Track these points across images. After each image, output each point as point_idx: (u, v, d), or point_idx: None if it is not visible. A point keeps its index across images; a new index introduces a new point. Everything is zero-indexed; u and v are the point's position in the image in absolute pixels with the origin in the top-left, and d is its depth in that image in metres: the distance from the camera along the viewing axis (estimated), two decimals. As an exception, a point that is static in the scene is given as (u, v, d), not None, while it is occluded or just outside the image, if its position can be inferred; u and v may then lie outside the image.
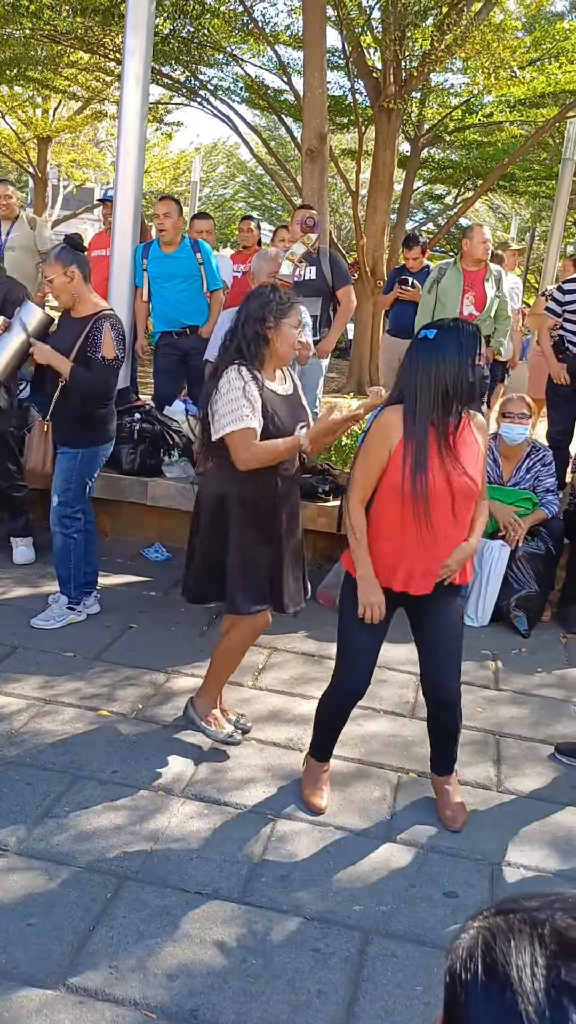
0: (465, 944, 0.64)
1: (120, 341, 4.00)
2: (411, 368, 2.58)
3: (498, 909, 0.65)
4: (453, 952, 0.64)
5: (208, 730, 3.26)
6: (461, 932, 0.65)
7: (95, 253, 6.47)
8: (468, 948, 0.63)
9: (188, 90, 12.07)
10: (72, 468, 4.05)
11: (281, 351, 3.00)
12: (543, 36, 10.63)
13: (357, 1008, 2.18)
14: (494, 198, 23.65)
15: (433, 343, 2.54)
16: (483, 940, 0.63)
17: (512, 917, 0.63)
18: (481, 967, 0.61)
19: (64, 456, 4.05)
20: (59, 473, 4.05)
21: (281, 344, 2.99)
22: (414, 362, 2.57)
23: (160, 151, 21.06)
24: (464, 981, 0.61)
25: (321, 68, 7.38)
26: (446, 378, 2.52)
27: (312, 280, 5.81)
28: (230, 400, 2.89)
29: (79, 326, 3.94)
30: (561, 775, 3.29)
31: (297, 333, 3.03)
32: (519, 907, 0.64)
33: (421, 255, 7.34)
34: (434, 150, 14.54)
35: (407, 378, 2.58)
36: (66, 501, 4.06)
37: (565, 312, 5.56)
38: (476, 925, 0.64)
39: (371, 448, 2.63)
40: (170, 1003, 2.13)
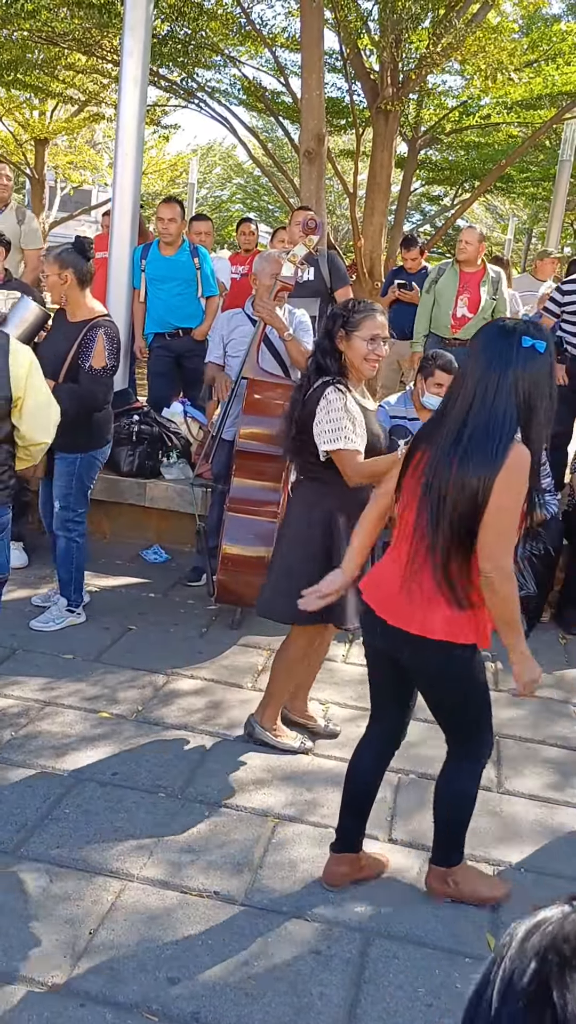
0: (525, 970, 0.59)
1: (114, 350, 3.99)
2: (533, 390, 2.11)
3: (556, 948, 0.59)
4: (506, 982, 0.59)
5: (277, 742, 3.26)
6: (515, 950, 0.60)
7: (97, 255, 6.46)
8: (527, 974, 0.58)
9: (185, 92, 12.06)
10: (72, 473, 4.05)
11: (356, 364, 2.95)
12: (540, 38, 10.63)
13: (359, 1010, 2.17)
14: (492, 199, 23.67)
15: (548, 360, 2.14)
16: (538, 984, 0.58)
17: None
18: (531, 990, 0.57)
19: (62, 461, 4.04)
20: (59, 478, 4.05)
21: (355, 358, 2.94)
22: (528, 380, 2.11)
23: (157, 153, 21.06)
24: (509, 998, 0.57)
25: (318, 70, 7.38)
26: (552, 399, 2.15)
27: (311, 282, 5.81)
28: (333, 419, 2.90)
29: (73, 331, 3.94)
30: (561, 776, 3.29)
31: (372, 347, 2.92)
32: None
33: (419, 256, 7.35)
34: (431, 151, 14.53)
35: (523, 398, 2.12)
36: (67, 505, 4.08)
37: (564, 312, 5.57)
38: (534, 957, 0.59)
39: (523, 491, 2.15)
40: (171, 1006, 2.13)
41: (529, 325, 2.17)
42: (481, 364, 2.15)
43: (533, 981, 0.57)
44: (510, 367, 2.11)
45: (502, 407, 2.11)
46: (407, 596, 2.26)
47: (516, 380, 2.11)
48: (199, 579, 4.75)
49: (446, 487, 2.14)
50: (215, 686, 3.73)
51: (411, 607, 2.26)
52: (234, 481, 4.23)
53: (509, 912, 2.56)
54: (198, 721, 3.43)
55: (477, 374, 2.15)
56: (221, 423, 4.46)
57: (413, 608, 2.26)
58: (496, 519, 2.13)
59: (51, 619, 4.11)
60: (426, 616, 2.24)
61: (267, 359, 4.34)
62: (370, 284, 9.73)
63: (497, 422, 2.11)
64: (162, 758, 3.16)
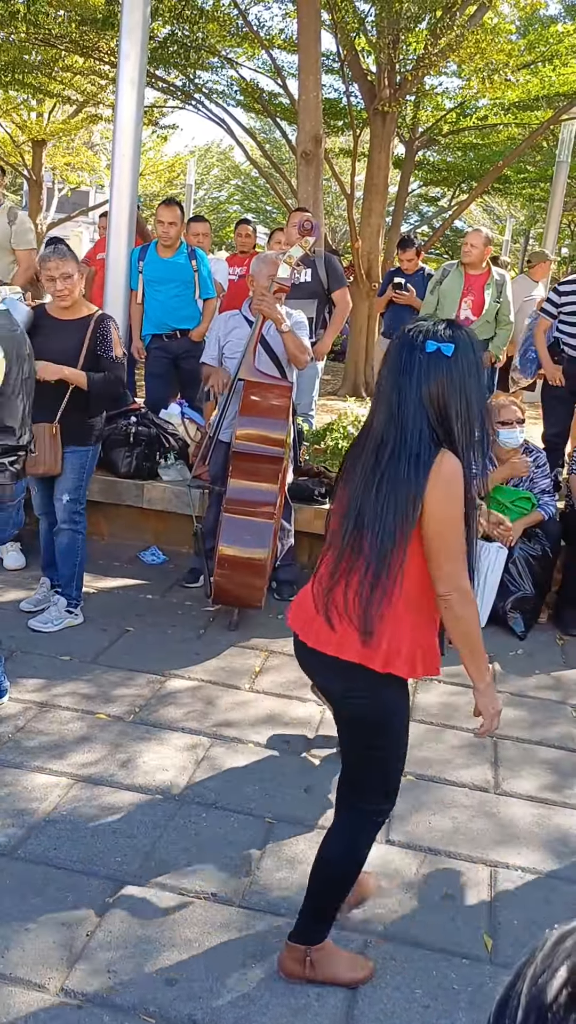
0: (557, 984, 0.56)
1: (120, 340, 4.15)
2: (444, 395, 1.97)
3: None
4: (534, 986, 0.57)
5: None
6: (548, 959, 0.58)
7: (100, 256, 6.47)
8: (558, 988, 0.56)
9: (183, 93, 12.07)
10: (83, 466, 4.16)
11: None
12: (537, 39, 10.65)
13: (356, 1011, 2.17)
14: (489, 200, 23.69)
15: (458, 362, 1.98)
16: (571, 989, 0.55)
17: None
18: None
19: (76, 455, 4.11)
20: (72, 472, 4.12)
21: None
22: (436, 386, 1.97)
23: (155, 154, 21.06)
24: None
25: (315, 71, 7.39)
26: (479, 403, 2.01)
27: (308, 283, 5.82)
28: None
29: (78, 328, 3.97)
30: (559, 777, 3.30)
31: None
32: None
33: (416, 257, 7.36)
34: (429, 153, 14.56)
35: (436, 405, 1.98)
36: (76, 498, 4.17)
37: (561, 313, 5.58)
38: (566, 961, 0.57)
39: (461, 504, 2.00)
40: (169, 1008, 2.13)
41: (438, 327, 2.01)
42: (389, 378, 2.02)
43: (564, 987, 0.55)
44: (414, 377, 1.97)
45: (412, 420, 1.97)
46: (325, 618, 2.08)
47: (424, 389, 1.96)
48: (197, 580, 4.75)
49: (369, 510, 1.99)
50: (213, 687, 3.73)
51: (328, 629, 2.08)
52: (231, 482, 4.24)
53: (506, 913, 2.56)
54: (196, 722, 3.43)
55: (387, 388, 2.03)
56: (218, 424, 4.47)
57: (330, 630, 2.07)
58: (440, 538, 1.98)
59: (50, 619, 4.11)
60: (341, 638, 2.05)
61: (264, 361, 4.34)
62: (367, 285, 9.74)
63: (411, 437, 1.97)
64: (159, 760, 3.16)
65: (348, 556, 2.05)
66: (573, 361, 5.57)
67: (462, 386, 1.97)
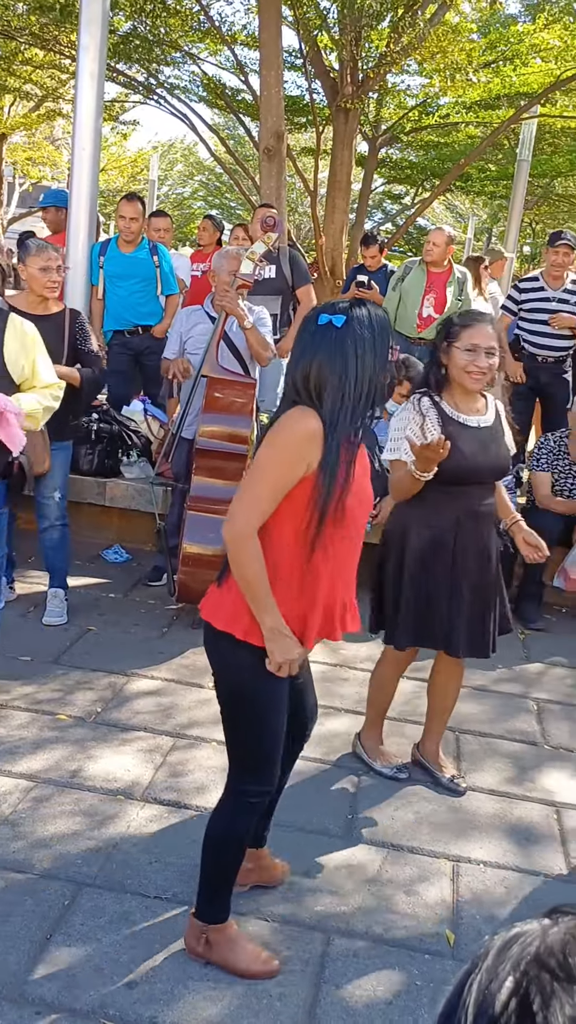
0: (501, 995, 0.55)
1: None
2: (323, 363, 1.95)
3: (540, 960, 0.55)
4: (481, 997, 0.56)
5: (374, 765, 3.19)
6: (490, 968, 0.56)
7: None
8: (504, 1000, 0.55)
9: (145, 88, 11.98)
10: (67, 460, 4.25)
11: (456, 377, 2.81)
12: (498, 39, 10.73)
13: (318, 1010, 2.16)
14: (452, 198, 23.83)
15: (344, 333, 1.95)
16: (519, 998, 0.54)
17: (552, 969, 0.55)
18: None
19: (62, 451, 4.16)
20: (59, 468, 4.15)
21: (454, 370, 2.80)
22: (320, 355, 1.95)
23: (118, 149, 20.91)
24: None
25: (277, 67, 7.37)
26: (366, 378, 1.97)
27: (272, 279, 5.80)
28: (393, 428, 2.87)
29: (55, 323, 3.97)
30: (520, 770, 3.32)
31: (471, 357, 2.76)
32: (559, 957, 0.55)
33: (379, 254, 7.36)
34: (392, 150, 14.61)
35: (313, 373, 1.96)
36: (65, 494, 4.23)
37: (521, 311, 5.61)
38: (513, 971, 0.56)
39: (287, 462, 1.96)
40: (129, 1011, 2.10)
41: (339, 303, 2.01)
42: (290, 357, 2.07)
43: (512, 996, 0.54)
44: (300, 346, 2.01)
45: (292, 386, 2.01)
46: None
47: (310, 356, 1.97)
48: (160, 579, 4.72)
49: None
50: (175, 686, 3.70)
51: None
52: (194, 479, 4.21)
53: (468, 907, 2.57)
54: (158, 722, 3.40)
55: (288, 368, 2.08)
56: (181, 421, 4.43)
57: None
58: (246, 480, 2.03)
59: (61, 611, 4.21)
60: (206, 599, 2.12)
61: (227, 357, 4.32)
62: (332, 282, 9.74)
63: (286, 399, 2.04)
64: (120, 760, 3.12)
65: None
66: (534, 358, 5.61)
67: (347, 357, 1.94)
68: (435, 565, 2.89)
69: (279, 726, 2.14)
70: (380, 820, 2.93)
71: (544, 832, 2.96)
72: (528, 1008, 0.53)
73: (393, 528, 3.00)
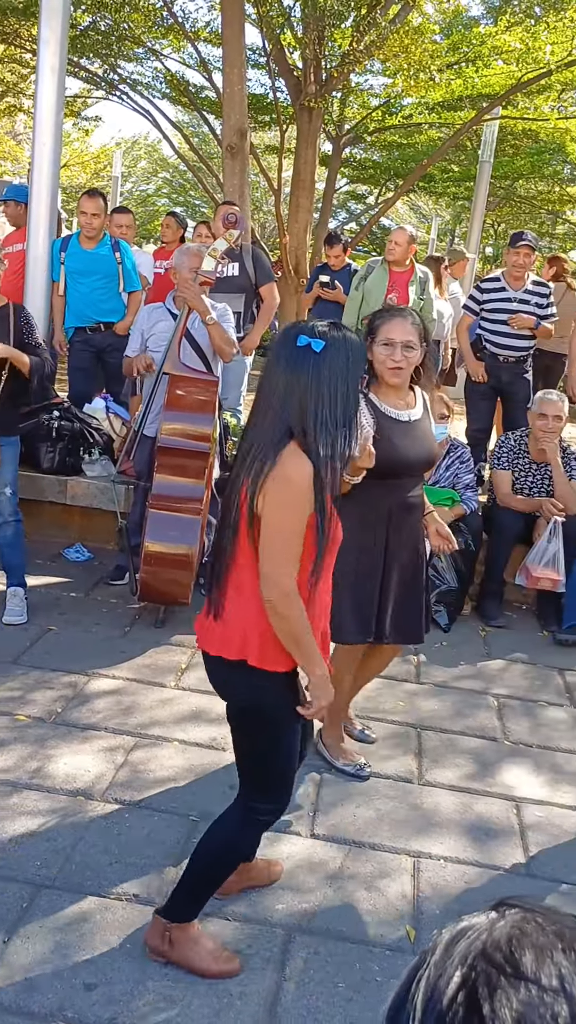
0: (448, 991, 0.55)
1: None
2: (304, 388, 1.93)
3: (487, 955, 0.55)
4: (430, 991, 0.55)
5: (336, 763, 3.19)
6: (437, 965, 0.56)
7: (8, 249, 6.31)
8: (450, 996, 0.54)
9: (107, 84, 11.89)
10: (16, 455, 4.17)
11: (379, 372, 2.82)
12: (460, 40, 10.81)
13: (279, 1008, 2.16)
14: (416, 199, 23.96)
15: (321, 359, 1.93)
16: (467, 993, 0.54)
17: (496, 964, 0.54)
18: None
19: (11, 446, 4.12)
20: (9, 463, 4.11)
21: (377, 365, 2.83)
22: (301, 379, 1.93)
23: (80, 145, 20.70)
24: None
25: (240, 64, 7.35)
26: (340, 405, 1.95)
27: (235, 277, 5.78)
28: None
29: (1, 318, 3.89)
30: (480, 766, 3.35)
31: (387, 352, 2.78)
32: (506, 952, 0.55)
33: (343, 253, 7.38)
34: (356, 150, 14.65)
35: (294, 397, 1.94)
36: (16, 490, 4.17)
37: (483, 311, 5.66)
38: (460, 965, 0.55)
39: (301, 512, 1.95)
40: (88, 1012, 2.09)
41: (317, 325, 1.98)
42: (265, 370, 2.02)
43: (460, 990, 0.54)
44: (280, 369, 1.96)
45: (273, 412, 1.96)
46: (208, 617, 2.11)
47: (288, 383, 1.94)
48: (122, 577, 4.68)
49: (236, 505, 2.00)
50: (137, 686, 3.68)
51: (203, 622, 2.12)
52: (156, 478, 4.18)
53: (429, 902, 2.59)
54: (119, 722, 3.38)
55: (260, 380, 2.02)
56: (143, 419, 4.41)
57: (203, 622, 2.12)
58: (268, 540, 1.94)
59: (20, 611, 4.15)
60: (208, 631, 2.09)
61: (189, 354, 4.30)
62: (295, 281, 9.75)
63: (270, 429, 1.96)
64: (80, 760, 3.10)
65: (219, 543, 2.07)
66: (495, 357, 5.66)
67: (324, 384, 1.93)
68: (369, 556, 2.94)
69: (294, 746, 2.17)
70: (342, 817, 2.93)
71: (504, 827, 2.98)
72: (475, 1002, 0.53)
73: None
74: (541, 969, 0.52)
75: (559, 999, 0.51)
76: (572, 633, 4.55)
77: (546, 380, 6.80)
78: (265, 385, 2.01)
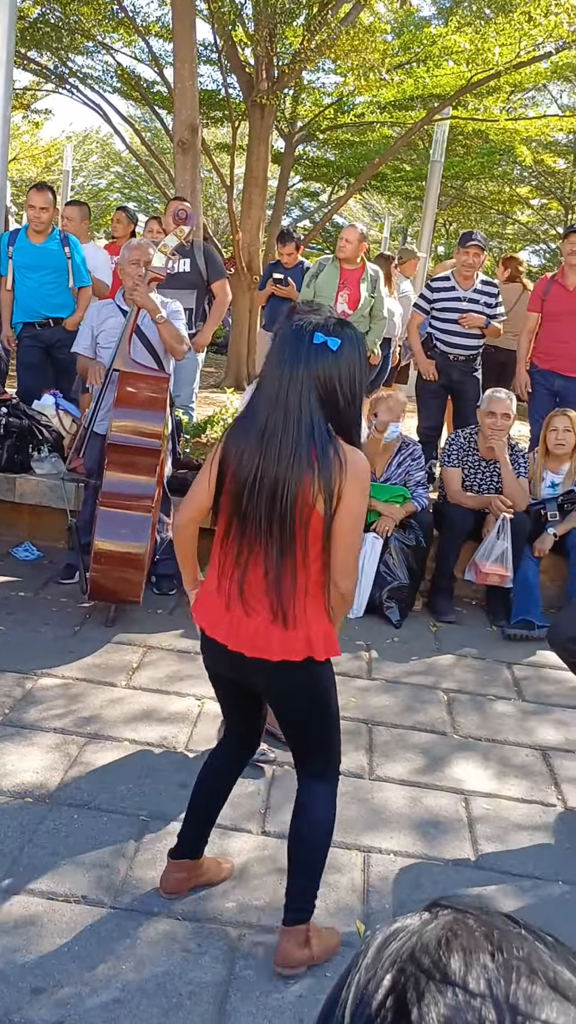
0: (377, 995, 0.53)
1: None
2: (322, 387, 2.01)
3: (415, 958, 0.54)
4: (359, 995, 0.54)
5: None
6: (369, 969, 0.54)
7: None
8: (380, 1000, 0.53)
9: (57, 77, 11.73)
10: None
11: None
12: (411, 40, 10.87)
13: (228, 1007, 2.16)
14: (368, 198, 24.07)
15: (339, 357, 2.00)
16: (396, 997, 0.53)
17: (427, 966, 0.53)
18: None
19: None
20: None
21: None
22: (325, 375, 2.00)
23: (31, 138, 20.40)
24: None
25: (191, 60, 7.30)
26: (359, 396, 2.07)
27: (186, 273, 5.76)
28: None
29: None
30: (430, 760, 3.38)
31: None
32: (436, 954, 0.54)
33: (295, 251, 7.39)
34: (308, 148, 14.66)
35: (322, 400, 2.01)
36: None
37: (433, 309, 5.71)
38: (390, 968, 0.54)
39: (367, 500, 2.15)
40: (35, 1016, 2.06)
41: (329, 321, 2.04)
42: (275, 368, 2.03)
43: (389, 995, 0.52)
44: (300, 367, 1.99)
45: (299, 410, 2.00)
46: (247, 618, 2.11)
47: (311, 380, 1.99)
48: (72, 576, 4.63)
49: (265, 498, 2.02)
50: (87, 685, 3.64)
51: (257, 632, 2.10)
52: (107, 475, 4.15)
53: (378, 897, 2.60)
54: (68, 722, 3.34)
55: (271, 378, 2.04)
56: (93, 416, 4.36)
57: (263, 632, 2.10)
58: (353, 533, 2.05)
59: None
60: (269, 638, 2.10)
61: (139, 351, 4.27)
62: (248, 278, 9.73)
63: (301, 426, 1.99)
64: (28, 762, 3.05)
65: (252, 546, 2.07)
66: (446, 356, 5.71)
67: (346, 382, 2.01)
68: None
69: None
70: (289, 814, 2.93)
71: (452, 820, 3.02)
72: (404, 1007, 0.52)
73: None
74: (469, 973, 0.52)
75: (486, 1003, 0.51)
76: (520, 628, 4.61)
77: (500, 377, 6.88)
78: (277, 383, 2.02)
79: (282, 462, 2.01)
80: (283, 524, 2.02)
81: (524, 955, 0.53)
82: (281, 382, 2.01)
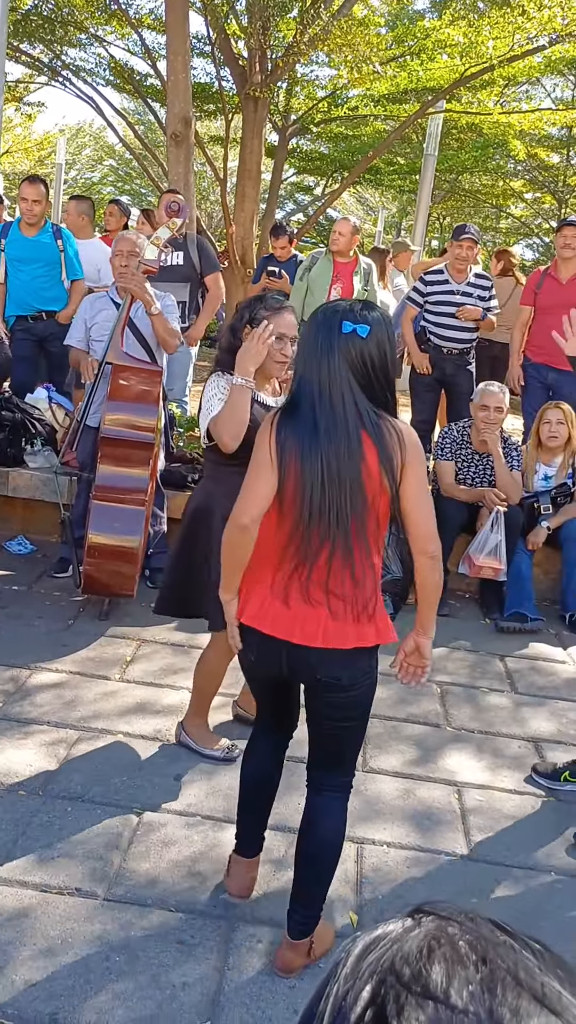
0: (358, 1003, 0.52)
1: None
2: (361, 373, 2.05)
3: (395, 969, 0.52)
4: (337, 1007, 0.52)
5: (204, 751, 3.16)
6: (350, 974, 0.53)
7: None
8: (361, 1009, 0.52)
9: (50, 70, 11.68)
10: None
11: (264, 363, 2.81)
12: (405, 33, 10.85)
13: (222, 998, 2.17)
14: (362, 191, 24.04)
15: (368, 342, 2.04)
16: (375, 1011, 0.51)
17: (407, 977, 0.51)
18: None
19: None
20: None
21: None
22: (357, 364, 2.04)
23: (24, 131, 20.33)
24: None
25: (184, 52, 7.27)
26: (391, 375, 2.11)
27: (180, 266, 5.74)
28: (209, 396, 2.86)
29: None
30: (423, 751, 3.39)
31: (279, 345, 2.79)
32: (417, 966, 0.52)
33: (288, 244, 7.37)
34: (302, 141, 14.64)
35: (362, 385, 2.05)
36: None
37: (426, 303, 5.70)
38: (370, 979, 0.52)
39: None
40: (28, 1008, 2.06)
41: (354, 307, 2.07)
42: (308, 360, 2.07)
43: (368, 1008, 0.50)
44: (335, 356, 2.03)
45: (344, 397, 2.03)
46: (314, 610, 2.09)
47: (347, 369, 2.03)
48: (66, 570, 4.63)
49: (332, 489, 2.03)
50: (80, 679, 3.64)
51: (329, 622, 2.09)
52: (100, 469, 4.14)
53: (372, 888, 2.61)
54: (62, 716, 3.34)
55: (308, 369, 2.07)
56: (86, 409, 4.35)
57: (336, 622, 2.09)
58: (424, 498, 2.12)
59: None
60: (360, 628, 2.10)
61: (132, 344, 4.26)
62: (242, 271, 9.71)
63: (349, 415, 2.03)
64: (22, 755, 3.06)
65: (323, 540, 2.05)
66: (439, 349, 5.71)
67: (379, 367, 2.05)
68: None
69: None
70: (285, 806, 2.94)
71: (445, 812, 3.03)
72: (384, 1021, 0.50)
73: (199, 506, 3.04)
74: (451, 985, 0.49)
75: (467, 1019, 0.50)
76: (513, 621, 4.62)
77: (494, 370, 6.89)
78: (316, 377, 2.05)
79: (342, 455, 2.03)
80: (356, 515, 2.05)
81: (510, 966, 0.50)
82: (320, 376, 2.05)
